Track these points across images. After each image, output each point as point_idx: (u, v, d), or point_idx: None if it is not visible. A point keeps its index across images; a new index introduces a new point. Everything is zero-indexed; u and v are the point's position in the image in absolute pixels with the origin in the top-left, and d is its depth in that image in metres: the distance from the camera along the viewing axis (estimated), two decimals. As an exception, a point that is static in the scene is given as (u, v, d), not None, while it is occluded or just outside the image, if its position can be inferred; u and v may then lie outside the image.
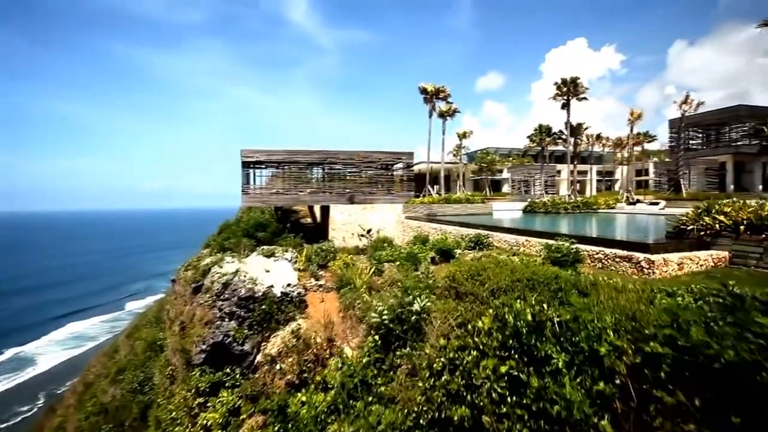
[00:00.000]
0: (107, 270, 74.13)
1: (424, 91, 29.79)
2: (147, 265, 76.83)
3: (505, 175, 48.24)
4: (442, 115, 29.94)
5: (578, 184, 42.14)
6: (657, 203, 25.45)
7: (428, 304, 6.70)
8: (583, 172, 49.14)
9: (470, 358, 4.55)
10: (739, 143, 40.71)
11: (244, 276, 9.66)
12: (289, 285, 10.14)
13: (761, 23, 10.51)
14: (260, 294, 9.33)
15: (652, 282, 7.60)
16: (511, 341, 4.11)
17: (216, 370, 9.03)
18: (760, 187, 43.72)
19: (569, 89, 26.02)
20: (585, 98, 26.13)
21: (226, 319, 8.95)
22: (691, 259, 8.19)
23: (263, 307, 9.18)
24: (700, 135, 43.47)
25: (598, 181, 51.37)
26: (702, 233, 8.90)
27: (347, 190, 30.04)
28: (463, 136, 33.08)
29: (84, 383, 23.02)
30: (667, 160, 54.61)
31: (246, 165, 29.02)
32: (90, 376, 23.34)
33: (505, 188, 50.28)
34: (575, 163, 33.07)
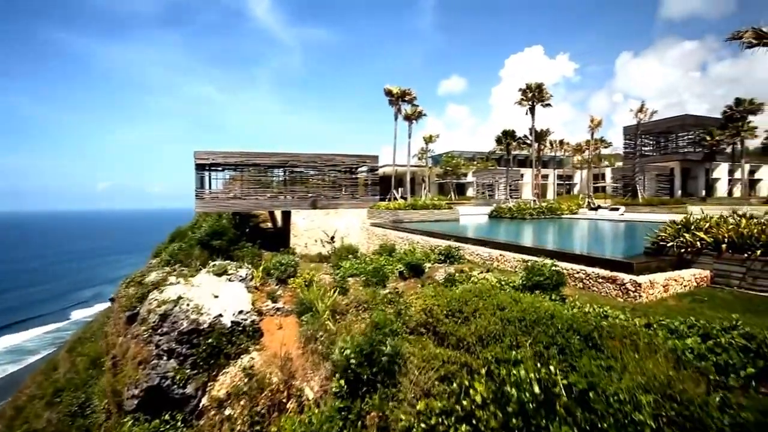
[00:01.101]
0: (54, 275, 67.94)
1: (389, 93, 28.94)
2: (99, 270, 71.18)
3: (470, 178, 48.39)
4: (408, 118, 29.25)
5: (539, 188, 42.92)
6: (617, 209, 25.99)
7: (404, 345, 5.78)
8: (545, 176, 50.24)
9: (460, 432, 3.64)
10: (685, 150, 43.04)
11: (187, 304, 8.32)
12: (241, 312, 8.90)
13: (730, 36, 10.37)
14: (206, 326, 8.04)
15: (640, 307, 7.09)
16: (514, 420, 3.26)
17: (153, 417, 7.66)
18: (704, 192, 46.45)
19: (534, 95, 26.06)
20: (549, 104, 26.29)
21: (164, 358, 7.61)
22: (675, 280, 7.77)
23: (210, 341, 7.91)
24: (652, 142, 45.61)
25: (558, 184, 52.72)
26: (682, 250, 8.55)
27: (310, 195, 28.66)
28: (429, 139, 32.61)
29: (14, 407, 20.46)
30: (619, 164, 57.08)
31: (200, 167, 26.96)
32: (22, 398, 20.79)
33: (470, 192, 50.50)
34: (539, 168, 33.44)
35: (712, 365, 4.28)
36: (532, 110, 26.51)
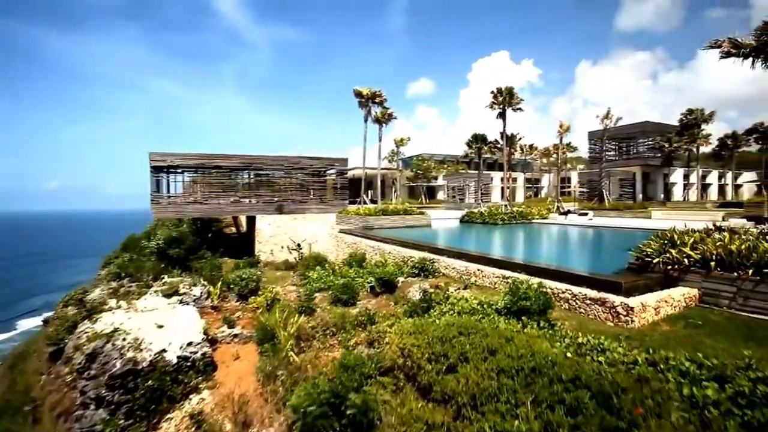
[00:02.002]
0: (1, 281, 62.24)
1: (359, 94, 27.92)
2: (49, 276, 65.46)
3: (441, 182, 48.18)
4: (378, 121, 28.37)
5: (508, 190, 43.21)
6: (586, 213, 26.21)
7: (377, 392, 4.90)
8: (513, 179, 50.82)
9: None
10: (647, 155, 44.62)
11: (124, 339, 7.07)
12: (190, 344, 7.73)
13: (708, 45, 10.16)
14: (146, 364, 6.84)
15: (634, 333, 6.52)
16: None
17: (78, 477, 6.41)
18: (662, 195, 48.33)
19: (505, 99, 25.84)
20: (520, 109, 26.14)
21: (92, 407, 6.36)
22: (666, 301, 7.30)
23: (149, 383, 6.72)
24: (614, 147, 47.03)
25: (526, 187, 53.49)
26: (669, 267, 8.13)
27: (275, 199, 27.30)
28: (400, 143, 31.87)
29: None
30: (580, 166, 58.67)
31: (157, 170, 25.00)
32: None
33: (440, 195, 50.32)
34: (509, 173, 33.45)
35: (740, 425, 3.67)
36: (503, 114, 26.30)
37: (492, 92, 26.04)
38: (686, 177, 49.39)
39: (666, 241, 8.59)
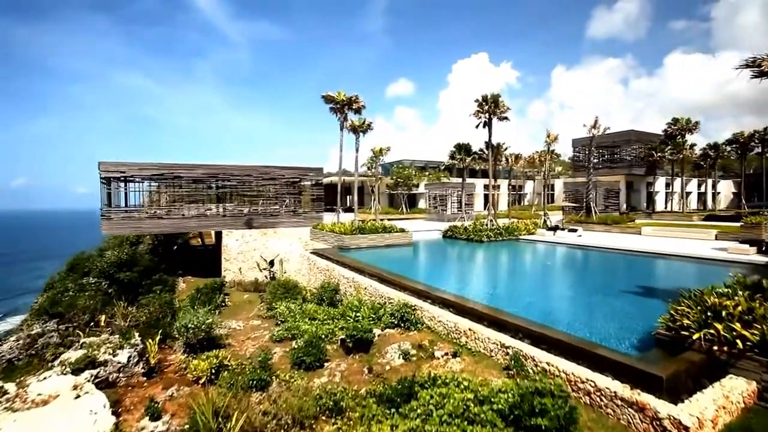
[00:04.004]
0: None
1: (331, 100, 25.55)
2: (11, 280, 60.81)
3: (422, 189, 46.38)
4: (355, 130, 26.23)
5: (495, 203, 41.77)
6: (575, 230, 24.77)
7: None
8: (497, 186, 49.53)
9: None
10: (631, 164, 43.94)
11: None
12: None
13: (743, 64, 8.59)
14: None
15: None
16: None
17: None
18: (645, 204, 47.84)
19: (490, 107, 24.11)
20: (506, 118, 24.43)
21: None
22: (723, 407, 5.52)
23: None
24: (598, 155, 46.22)
25: (510, 194, 52.29)
26: (714, 348, 6.38)
27: (244, 213, 24.99)
28: (379, 153, 29.82)
29: None
30: (558, 168, 57.92)
31: (109, 181, 22.27)
32: None
33: (422, 203, 48.55)
34: (494, 184, 31.84)
35: None
36: (488, 124, 24.58)
37: (477, 100, 24.24)
38: (668, 185, 49.11)
39: (707, 311, 6.83)
